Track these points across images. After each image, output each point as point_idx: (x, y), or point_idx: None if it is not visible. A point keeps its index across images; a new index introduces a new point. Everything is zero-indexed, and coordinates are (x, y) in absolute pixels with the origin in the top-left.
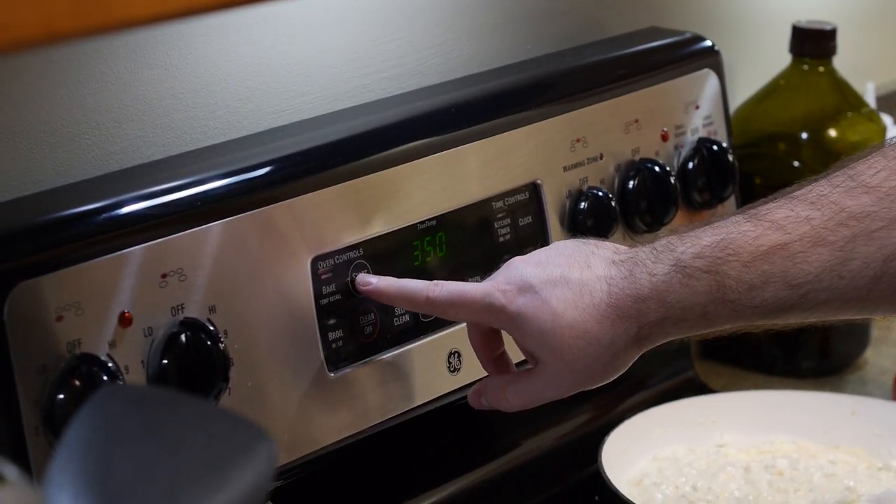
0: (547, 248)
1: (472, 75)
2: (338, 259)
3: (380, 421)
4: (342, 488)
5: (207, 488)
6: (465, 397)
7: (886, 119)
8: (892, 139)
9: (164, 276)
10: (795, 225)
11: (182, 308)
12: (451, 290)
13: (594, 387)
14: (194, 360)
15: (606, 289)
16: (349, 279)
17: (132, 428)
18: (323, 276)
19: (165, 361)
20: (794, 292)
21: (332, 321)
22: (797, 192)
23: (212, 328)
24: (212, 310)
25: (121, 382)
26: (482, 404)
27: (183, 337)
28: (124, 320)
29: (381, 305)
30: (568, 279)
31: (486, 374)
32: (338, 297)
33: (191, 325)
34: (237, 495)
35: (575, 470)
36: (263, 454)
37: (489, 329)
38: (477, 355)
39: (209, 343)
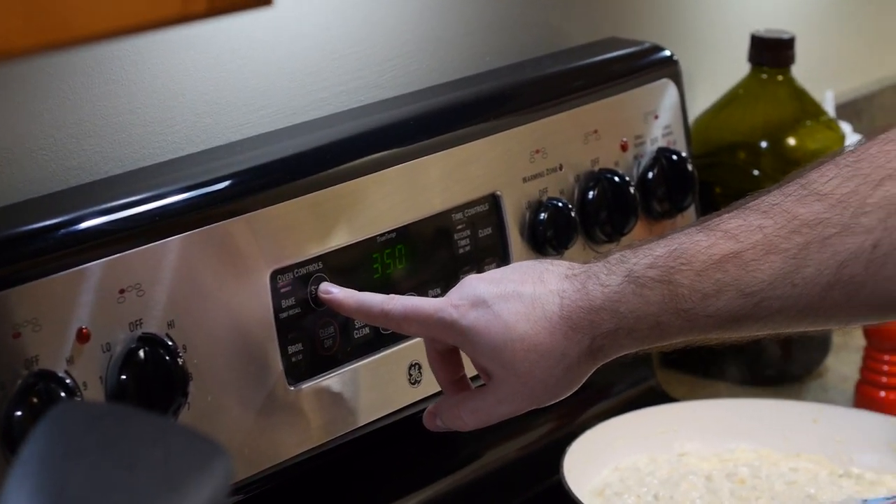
0: (503, 267)
1: (430, 87)
2: (297, 272)
3: (340, 434)
4: (304, 502)
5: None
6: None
7: (845, 127)
8: (845, 148)
9: (122, 291)
10: (748, 234)
11: (140, 323)
12: (406, 304)
13: (549, 403)
14: (153, 376)
15: (559, 301)
16: (309, 292)
17: (88, 444)
18: (282, 290)
19: (124, 377)
20: (747, 301)
21: (291, 335)
22: (750, 203)
23: (170, 343)
24: (170, 325)
25: (79, 399)
26: (437, 426)
27: (141, 352)
28: (82, 336)
29: (341, 318)
30: (521, 294)
31: None
32: (297, 310)
33: (149, 340)
34: None
35: (537, 481)
36: (220, 469)
37: (448, 350)
38: (436, 377)
39: (167, 358)
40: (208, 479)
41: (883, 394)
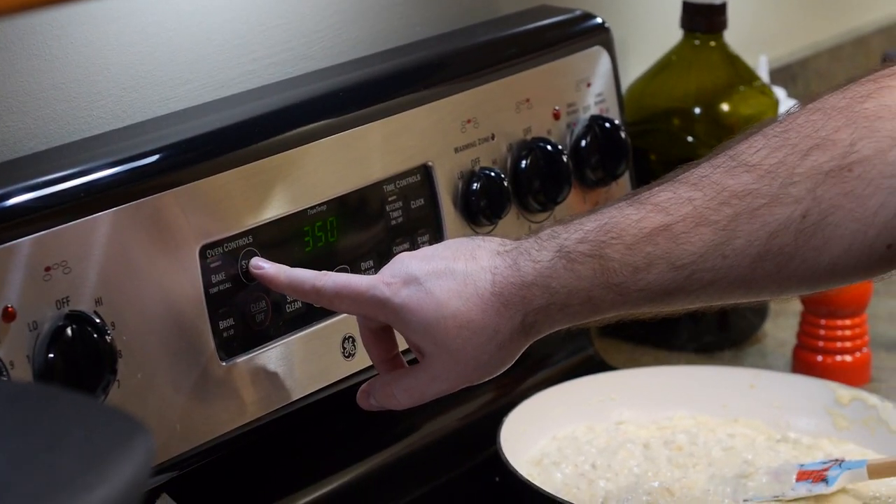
0: (435, 245)
1: (360, 58)
2: (227, 247)
3: (275, 409)
4: (239, 477)
5: (85, 484)
6: (361, 382)
7: (779, 92)
8: (776, 118)
9: (48, 269)
10: (678, 206)
11: (67, 301)
12: (338, 280)
13: (482, 380)
14: (81, 354)
15: (490, 278)
16: (239, 267)
17: (6, 425)
18: (212, 265)
19: (52, 356)
20: (678, 274)
21: (222, 310)
22: (680, 175)
23: (98, 321)
24: (98, 302)
25: (4, 379)
26: (371, 405)
27: (68, 330)
28: (7, 315)
29: (273, 293)
30: (453, 271)
31: None
32: (228, 285)
33: (76, 318)
34: (115, 490)
35: (476, 452)
36: (141, 447)
37: (380, 328)
38: (369, 355)
39: (95, 336)
40: (130, 457)
41: (820, 358)
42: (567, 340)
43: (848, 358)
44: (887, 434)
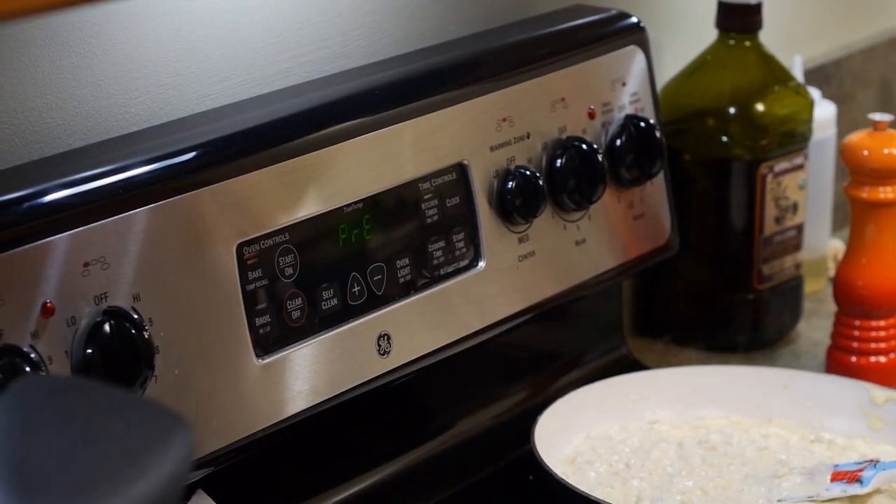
0: None
1: (396, 57)
2: (263, 244)
3: (310, 406)
4: (274, 474)
5: (125, 477)
6: (396, 380)
7: (814, 92)
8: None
9: (86, 264)
10: None
11: (105, 297)
12: None
13: None
14: (118, 349)
15: None
16: (276, 263)
17: (49, 418)
18: (249, 262)
19: (90, 351)
20: None
21: (258, 306)
22: None
23: (136, 316)
24: (136, 298)
25: (44, 373)
26: None
27: (106, 326)
28: (46, 310)
29: (309, 289)
30: None
31: (418, 354)
32: (264, 281)
33: (114, 313)
34: (155, 483)
35: (509, 450)
36: (181, 442)
37: None
38: None
39: (133, 331)
40: (170, 451)
41: (854, 359)
42: (601, 339)
43: (882, 359)
44: None
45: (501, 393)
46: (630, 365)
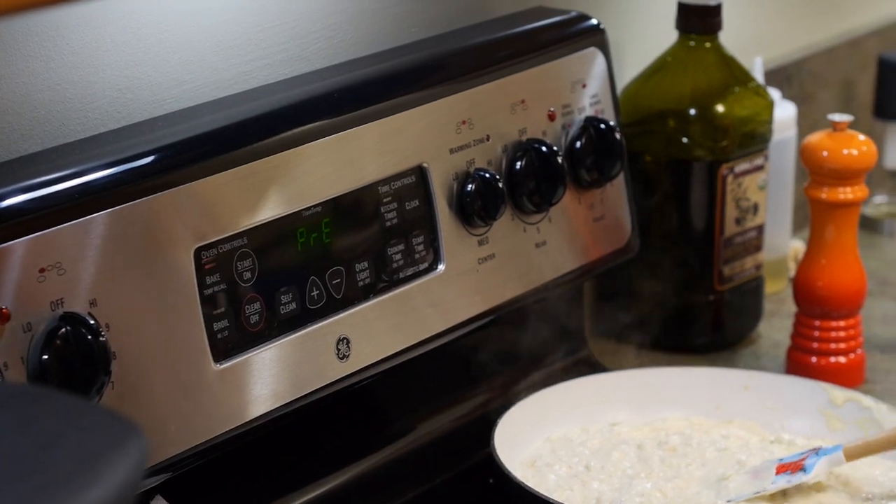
0: None
1: (356, 59)
2: (221, 248)
3: (269, 410)
4: (233, 479)
5: (79, 484)
6: (355, 384)
7: (774, 93)
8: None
9: (42, 270)
10: None
11: (62, 302)
12: None
13: None
14: (75, 355)
15: None
16: (234, 268)
17: (4, 425)
18: (207, 266)
19: (46, 357)
20: None
21: (216, 311)
22: None
23: (93, 322)
24: (93, 303)
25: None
26: None
27: (63, 332)
28: (2, 316)
29: (267, 294)
30: None
31: (378, 357)
32: (222, 286)
33: (71, 319)
34: (109, 490)
35: (470, 453)
36: (135, 448)
37: None
38: None
39: (90, 337)
40: (123, 458)
41: (814, 359)
42: (561, 342)
43: (842, 359)
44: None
45: (462, 396)
46: (591, 367)
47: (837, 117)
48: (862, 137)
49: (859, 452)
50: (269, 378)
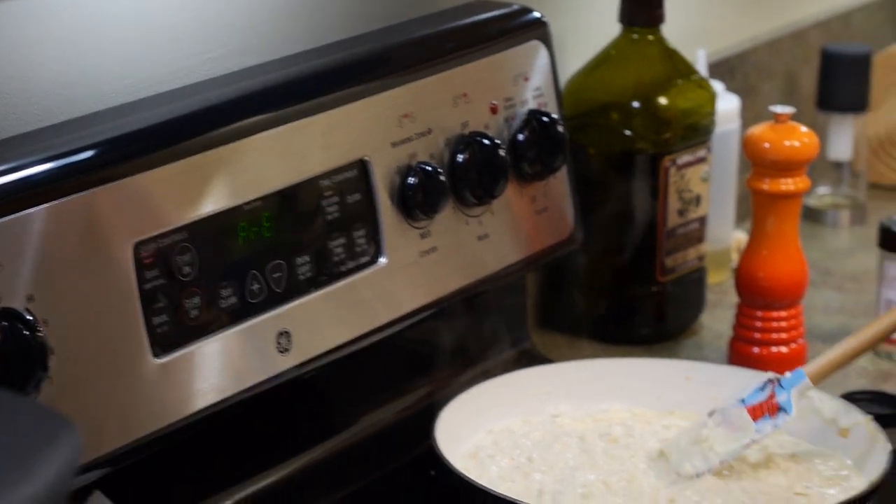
0: None
1: (298, 53)
2: (161, 243)
3: (210, 404)
4: (174, 473)
5: (10, 480)
6: (297, 378)
7: (717, 86)
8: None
9: None
10: None
11: None
12: None
13: None
14: (12, 351)
15: None
16: (173, 262)
17: None
18: (146, 261)
19: None
20: None
21: (156, 305)
22: None
23: (30, 318)
24: (30, 299)
25: None
26: None
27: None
28: None
29: (207, 289)
30: None
31: (319, 351)
32: (162, 280)
33: (8, 314)
34: (40, 486)
35: (412, 445)
36: (67, 444)
37: None
38: None
39: (27, 333)
40: (56, 454)
41: (756, 350)
42: (505, 334)
43: (784, 349)
44: (821, 424)
45: (405, 388)
46: (534, 359)
47: (779, 109)
48: (804, 129)
49: (823, 372)
50: (209, 372)
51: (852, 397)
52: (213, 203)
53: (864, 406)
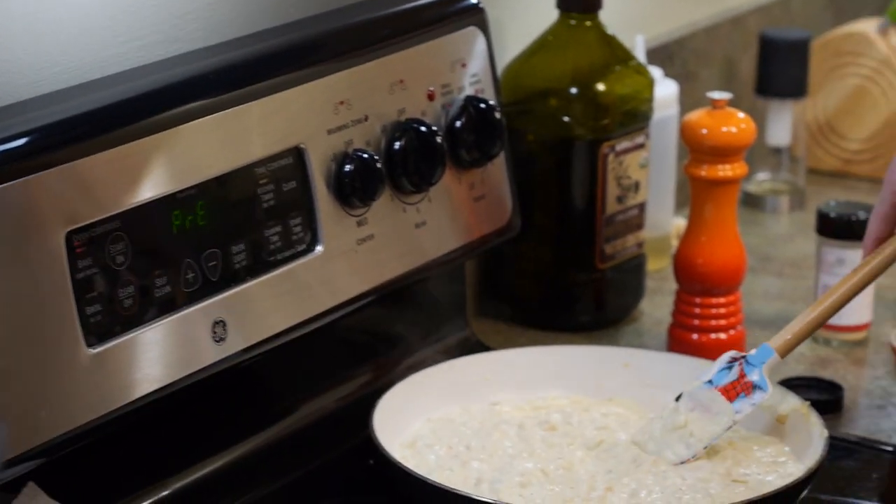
0: None
1: (232, 40)
2: (94, 231)
3: (145, 394)
4: (109, 463)
5: None
6: (232, 367)
7: (655, 72)
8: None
9: None
10: None
11: None
12: None
13: None
14: None
15: None
16: (106, 252)
17: None
18: (78, 250)
19: None
20: None
21: (89, 295)
22: None
23: None
24: None
25: None
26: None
27: None
28: None
29: (141, 278)
30: None
31: (255, 340)
32: (94, 269)
33: None
34: None
35: (351, 434)
36: None
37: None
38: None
39: None
40: None
41: (695, 336)
42: (444, 321)
43: (723, 336)
44: (759, 411)
45: (344, 377)
46: (473, 347)
47: (716, 95)
48: (741, 115)
49: (789, 346)
50: (143, 362)
51: (790, 383)
52: (146, 191)
53: (801, 392)
